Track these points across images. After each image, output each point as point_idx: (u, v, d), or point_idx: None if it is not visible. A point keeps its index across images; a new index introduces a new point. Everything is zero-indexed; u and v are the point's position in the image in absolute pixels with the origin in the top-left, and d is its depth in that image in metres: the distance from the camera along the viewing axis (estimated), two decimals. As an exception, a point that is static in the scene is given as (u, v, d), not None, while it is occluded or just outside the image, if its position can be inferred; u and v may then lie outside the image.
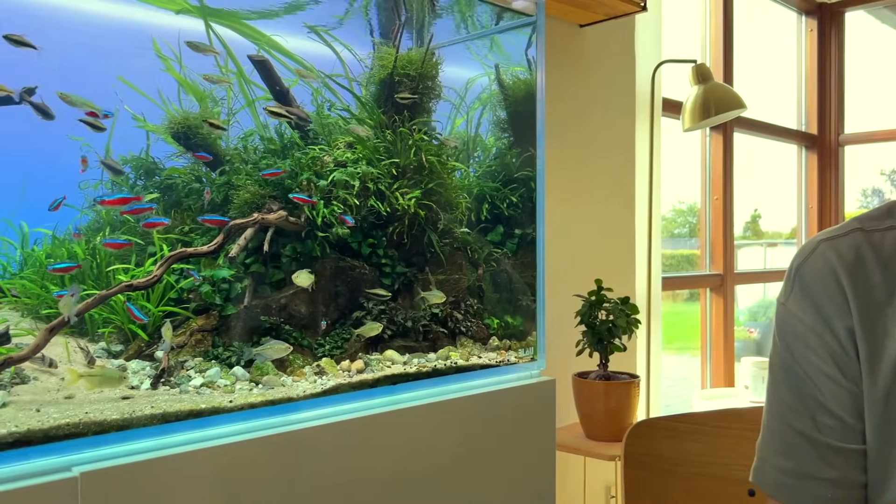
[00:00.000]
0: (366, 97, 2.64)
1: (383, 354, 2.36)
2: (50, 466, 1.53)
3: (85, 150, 2.09)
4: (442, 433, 2.19)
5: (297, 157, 2.44)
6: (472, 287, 2.72)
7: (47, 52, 1.88)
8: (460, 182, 2.83)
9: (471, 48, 2.95)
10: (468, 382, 2.37)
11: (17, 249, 2.17)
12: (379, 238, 2.47)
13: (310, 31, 2.46)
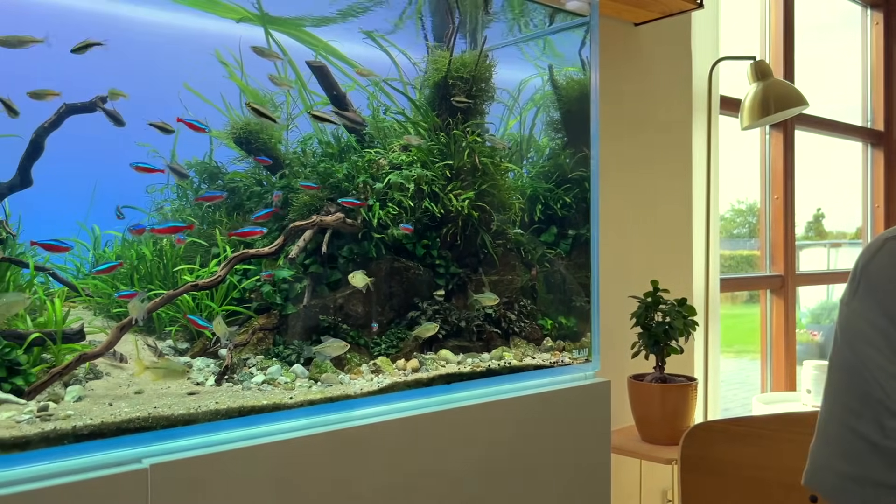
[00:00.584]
0: (420, 100, 2.67)
1: (438, 354, 2.39)
2: (121, 458, 1.60)
3: (152, 155, 2.19)
4: (496, 433, 2.20)
5: (354, 160, 2.49)
6: (526, 288, 2.73)
7: (119, 61, 1.97)
8: (513, 183, 2.84)
9: (524, 50, 2.95)
10: (522, 383, 2.38)
11: (90, 251, 2.27)
12: (433, 239, 2.50)
13: (366, 36, 2.51)
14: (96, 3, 2.09)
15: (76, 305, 2.07)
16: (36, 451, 1.52)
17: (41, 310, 1.95)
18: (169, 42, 2.16)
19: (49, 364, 1.82)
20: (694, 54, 4.05)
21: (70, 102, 1.94)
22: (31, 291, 1.98)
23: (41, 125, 1.94)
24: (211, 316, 2.17)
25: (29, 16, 1.99)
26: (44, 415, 1.61)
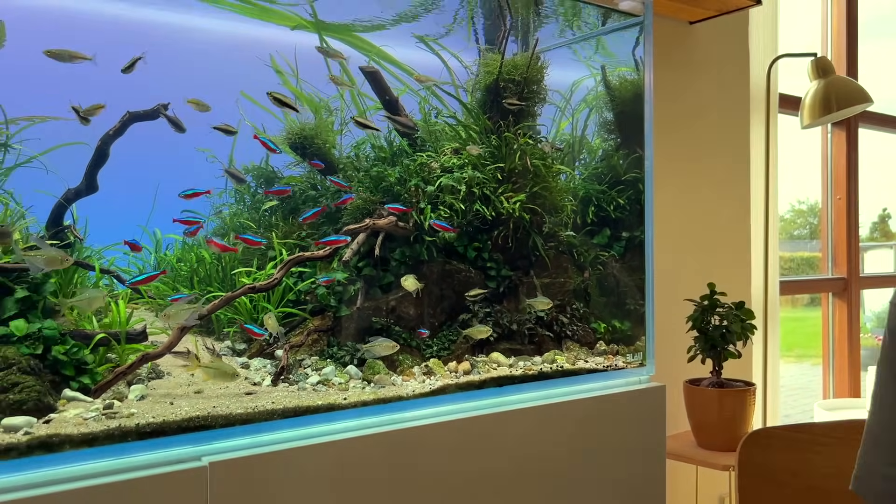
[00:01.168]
0: (471, 103, 2.68)
1: (489, 356, 2.39)
2: (182, 456, 1.65)
3: (211, 160, 2.25)
4: (548, 436, 2.19)
5: (406, 163, 2.51)
6: (578, 290, 2.71)
7: (180, 69, 2.04)
8: (566, 185, 2.82)
9: (576, 51, 2.93)
10: (574, 386, 2.36)
11: (152, 254, 2.35)
12: (484, 242, 2.50)
13: (418, 41, 2.53)
14: (157, 14, 2.16)
15: (139, 307, 2.14)
16: (101, 447, 1.58)
17: (106, 311, 2.02)
18: (227, 50, 2.21)
19: (114, 364, 1.88)
20: (752, 52, 3.95)
21: (133, 110, 2.01)
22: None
23: (106, 133, 2.02)
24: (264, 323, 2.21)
25: (95, 27, 2.07)
26: (109, 412, 1.67)
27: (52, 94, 2.00)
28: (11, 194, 1.99)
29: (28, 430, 1.54)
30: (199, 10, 2.10)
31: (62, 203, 2.03)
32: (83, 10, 2.03)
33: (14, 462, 1.48)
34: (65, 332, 1.79)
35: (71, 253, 2.01)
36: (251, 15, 2.21)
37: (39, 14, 2.08)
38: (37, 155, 2.07)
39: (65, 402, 1.70)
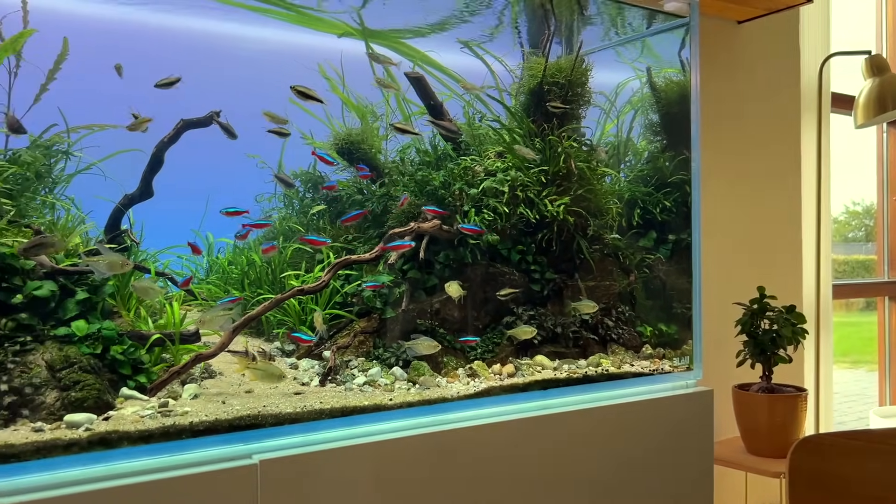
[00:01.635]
0: (515, 107, 2.69)
1: (533, 359, 2.40)
2: (233, 454, 1.69)
3: (261, 166, 2.31)
4: (593, 440, 2.18)
5: (450, 167, 2.53)
6: (624, 294, 2.69)
7: (231, 77, 2.10)
8: (610, 187, 2.81)
9: (620, 53, 2.92)
10: (620, 390, 2.35)
11: (204, 257, 2.42)
12: (528, 245, 2.51)
13: (463, 46, 2.55)
14: (209, 24, 2.23)
15: (192, 308, 2.21)
16: (157, 444, 1.63)
17: (161, 312, 2.09)
18: (277, 58, 2.27)
19: (168, 363, 1.95)
20: (802, 50, 3.87)
21: (187, 118, 2.08)
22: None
23: (161, 140, 2.09)
24: (313, 322, 2.26)
25: (155, 38, 2.14)
26: (164, 410, 1.72)
27: (111, 104, 2.08)
28: (73, 200, 2.08)
29: (89, 426, 1.60)
30: (251, 20, 2.16)
31: (120, 208, 2.11)
32: (144, 23, 2.11)
33: (75, 457, 1.54)
34: (122, 332, 1.86)
35: (128, 256, 2.08)
36: (300, 23, 2.26)
37: (101, 27, 2.16)
38: (96, 162, 2.15)
39: (122, 400, 1.77)
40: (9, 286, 1.78)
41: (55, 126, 2.13)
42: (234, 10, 2.15)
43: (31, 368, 1.68)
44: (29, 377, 1.66)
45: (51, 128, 2.12)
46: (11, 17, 1.94)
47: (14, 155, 2.00)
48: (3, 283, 1.77)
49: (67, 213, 2.06)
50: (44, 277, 1.82)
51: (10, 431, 1.57)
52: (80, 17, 2.13)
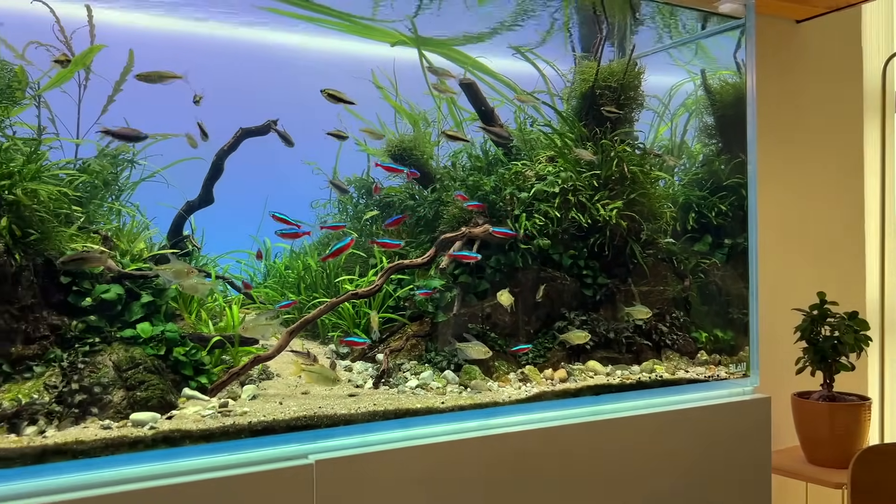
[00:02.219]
0: (567, 111, 2.69)
1: (586, 365, 2.38)
2: (290, 454, 1.73)
3: (317, 173, 2.36)
4: (646, 447, 2.16)
5: (501, 172, 2.54)
6: (678, 299, 2.65)
7: (287, 87, 2.15)
8: (664, 191, 2.78)
9: (674, 55, 2.89)
10: (674, 397, 2.32)
11: (262, 262, 2.49)
12: (580, 249, 2.50)
13: (515, 52, 2.56)
14: (268, 34, 2.29)
15: (250, 312, 2.27)
16: (217, 443, 1.68)
17: (221, 315, 2.15)
18: (331, 66, 2.32)
19: (228, 365, 2.00)
20: (865, 49, 3.75)
21: (245, 126, 2.14)
22: (213, 299, 2.20)
23: (221, 148, 2.16)
24: (368, 326, 2.30)
25: (214, 49, 2.22)
26: (224, 410, 1.78)
27: (173, 114, 2.16)
28: (137, 206, 2.16)
29: (153, 425, 1.66)
30: (306, 29, 2.22)
31: (182, 214, 2.19)
32: (201, 34, 2.19)
33: (141, 454, 1.60)
34: (184, 334, 1.92)
35: (189, 261, 2.16)
36: (354, 33, 2.31)
37: (164, 39, 2.24)
38: (159, 170, 2.23)
39: (184, 399, 1.83)
40: (79, 289, 1.86)
41: (121, 136, 2.22)
42: (294, 22, 2.21)
43: (100, 368, 1.75)
44: (97, 377, 1.73)
45: (117, 137, 2.21)
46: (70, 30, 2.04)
47: (84, 164, 2.09)
48: (74, 286, 1.85)
49: (132, 219, 2.14)
50: (111, 281, 1.90)
51: (80, 428, 1.64)
52: (145, 30, 2.22)
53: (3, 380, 1.70)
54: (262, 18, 2.27)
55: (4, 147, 1.83)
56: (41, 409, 1.65)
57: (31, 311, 1.79)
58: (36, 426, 1.63)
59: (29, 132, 1.99)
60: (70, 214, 1.93)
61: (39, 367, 1.74)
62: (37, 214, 1.80)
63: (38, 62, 2.03)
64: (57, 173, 1.97)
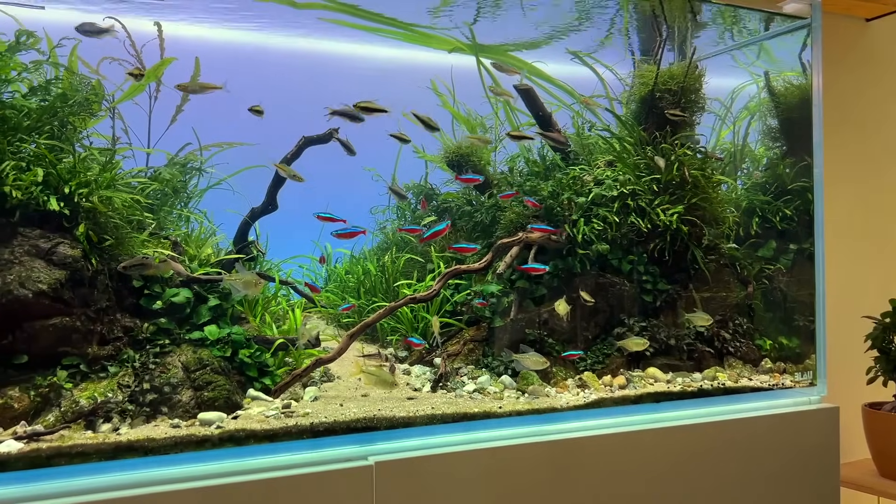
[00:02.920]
0: (626, 115, 2.66)
1: (646, 371, 2.36)
2: (350, 454, 1.76)
3: (376, 179, 2.40)
4: (708, 456, 2.12)
5: (559, 177, 2.53)
6: (741, 305, 2.60)
7: (348, 95, 2.19)
8: (727, 196, 2.73)
9: (736, 57, 2.83)
10: (737, 405, 2.27)
11: (323, 266, 2.54)
12: (639, 254, 2.47)
13: (573, 56, 2.55)
14: (328, 44, 2.34)
15: (312, 315, 2.32)
16: (280, 443, 1.73)
17: (284, 318, 2.21)
18: (390, 75, 2.36)
19: (290, 367, 2.06)
20: (940, 46, 3.60)
21: (308, 135, 2.19)
22: (276, 302, 2.26)
23: (284, 156, 2.22)
24: (427, 329, 2.32)
25: (277, 59, 2.28)
26: (287, 411, 1.82)
27: (238, 122, 2.23)
28: (205, 213, 2.24)
29: (220, 424, 1.72)
30: (365, 38, 2.26)
31: (247, 221, 2.25)
32: (265, 45, 2.25)
33: (207, 453, 1.66)
34: (249, 337, 1.98)
35: (254, 266, 2.22)
36: (413, 41, 2.34)
37: (228, 50, 2.32)
38: (225, 177, 2.31)
39: (249, 400, 1.88)
40: (150, 293, 1.94)
41: (189, 145, 2.31)
42: (354, 32, 2.25)
43: (170, 369, 1.82)
44: (167, 377, 1.80)
45: (186, 146, 2.31)
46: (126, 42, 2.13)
47: (155, 173, 2.18)
48: (146, 290, 1.93)
49: (200, 225, 2.22)
50: (180, 285, 1.98)
51: (151, 426, 1.71)
52: (209, 42, 2.30)
53: (81, 379, 1.78)
54: (323, 29, 2.32)
55: (82, 157, 1.92)
56: (115, 408, 1.73)
57: (106, 314, 1.87)
58: (110, 423, 1.70)
59: (104, 143, 2.09)
60: (142, 221, 2.01)
61: (114, 367, 1.82)
62: (111, 221, 1.88)
63: (111, 76, 2.13)
64: (130, 182, 2.06)
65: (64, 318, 1.78)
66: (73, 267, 1.81)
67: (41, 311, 1.76)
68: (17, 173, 1.79)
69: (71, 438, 1.61)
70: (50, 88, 1.98)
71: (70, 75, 2.04)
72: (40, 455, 1.55)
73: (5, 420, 1.66)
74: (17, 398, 1.70)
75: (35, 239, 1.82)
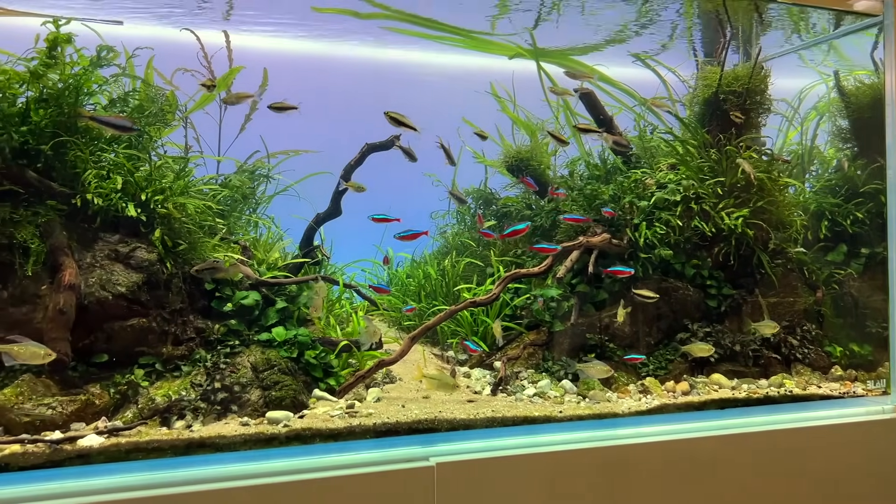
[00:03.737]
0: (689, 117, 2.63)
1: (710, 378, 2.32)
2: (411, 455, 1.79)
3: (436, 184, 2.43)
4: (775, 465, 2.07)
5: (620, 181, 2.52)
6: (810, 311, 2.53)
7: (410, 100, 2.24)
8: (794, 199, 2.66)
9: (804, 57, 2.76)
10: (805, 413, 2.21)
11: (385, 270, 2.59)
12: (703, 259, 2.43)
13: (635, 59, 2.53)
14: (389, 52, 2.39)
15: (374, 318, 2.37)
16: (344, 442, 1.77)
17: (348, 321, 2.26)
18: (452, 81, 2.39)
19: (354, 368, 2.10)
20: None
21: (371, 142, 2.24)
22: (340, 305, 2.31)
23: (348, 163, 2.28)
24: (487, 332, 2.34)
25: (344, 68, 2.34)
26: (351, 412, 1.87)
27: (305, 128, 2.29)
28: (273, 219, 2.31)
29: (287, 423, 1.77)
30: (426, 46, 2.30)
31: (312, 226, 2.32)
32: (331, 54, 2.32)
33: (275, 450, 1.71)
34: (315, 338, 2.03)
35: (319, 270, 2.28)
36: (474, 48, 2.37)
37: (294, 59, 2.39)
38: (292, 184, 2.38)
39: (315, 400, 1.94)
40: (221, 295, 2.01)
41: (257, 152, 2.39)
42: (414, 40, 2.29)
43: (239, 369, 1.89)
44: (237, 377, 1.87)
45: (254, 154, 2.39)
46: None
47: (225, 180, 2.26)
48: (217, 292, 2.01)
49: (268, 230, 2.29)
50: (249, 288, 2.05)
51: (222, 424, 1.78)
52: (276, 52, 2.37)
53: (156, 377, 1.86)
54: (383, 37, 2.37)
55: (158, 165, 2.01)
56: (188, 406, 1.80)
57: (179, 315, 1.96)
58: (184, 420, 1.78)
59: (177, 151, 2.18)
60: (213, 226, 2.09)
61: (186, 367, 1.90)
62: (185, 226, 1.97)
63: (184, 87, 2.22)
64: (202, 188, 2.15)
65: (141, 320, 1.87)
66: (150, 270, 1.90)
67: (120, 312, 1.86)
68: (99, 181, 1.89)
69: (147, 434, 1.69)
70: (128, 100, 2.09)
71: (146, 87, 2.14)
72: (119, 449, 1.63)
73: (87, 416, 1.75)
74: (98, 395, 1.79)
75: (114, 244, 1.92)
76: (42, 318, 1.79)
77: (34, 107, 1.89)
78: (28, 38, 1.91)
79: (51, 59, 1.92)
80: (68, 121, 1.91)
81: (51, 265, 1.83)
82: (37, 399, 1.72)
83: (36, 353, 1.64)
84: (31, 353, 1.64)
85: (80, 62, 1.95)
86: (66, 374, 1.78)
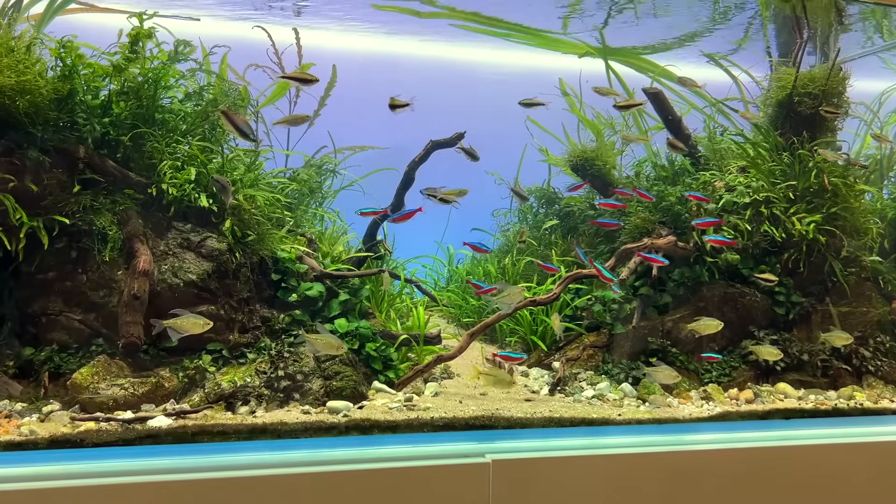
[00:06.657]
0: (761, 119, 2.55)
1: (775, 387, 2.25)
2: (467, 451, 1.79)
3: (499, 183, 2.43)
4: (843, 480, 1.99)
5: (688, 182, 2.47)
6: (884, 322, 2.43)
7: (476, 100, 2.25)
8: (871, 205, 2.56)
9: (885, 58, 2.65)
10: (877, 427, 2.12)
11: (446, 267, 2.60)
12: (772, 265, 2.36)
13: (708, 59, 2.48)
14: (457, 50, 2.40)
15: (434, 314, 2.39)
16: (402, 434, 1.79)
17: (408, 315, 2.28)
18: (519, 79, 2.39)
19: (413, 362, 2.12)
20: None
21: (436, 139, 2.26)
22: (401, 300, 2.33)
23: (413, 160, 2.30)
24: (546, 332, 2.33)
25: (409, 67, 2.36)
26: (409, 405, 1.89)
27: (370, 126, 2.33)
28: (338, 213, 2.36)
29: (346, 413, 1.80)
30: (496, 44, 2.31)
31: (376, 221, 2.35)
32: (398, 54, 2.34)
33: (334, 439, 1.75)
34: (376, 331, 2.06)
35: (382, 264, 2.31)
36: (544, 46, 2.36)
37: (362, 58, 2.43)
38: (357, 179, 2.42)
39: (374, 392, 1.96)
40: (287, 286, 2.06)
41: (325, 147, 2.44)
42: (483, 38, 2.30)
43: (302, 358, 1.93)
44: (300, 366, 1.91)
45: (321, 149, 2.43)
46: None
47: (294, 173, 2.31)
48: (283, 283, 2.06)
49: (333, 224, 2.34)
50: (314, 280, 2.09)
51: (284, 411, 1.82)
52: (344, 49, 2.41)
53: (223, 363, 1.92)
54: (453, 35, 2.38)
55: (230, 158, 2.07)
56: (253, 392, 1.85)
57: (246, 304, 2.01)
58: (248, 406, 1.83)
59: (248, 145, 2.24)
60: (281, 218, 2.14)
61: (252, 354, 1.95)
62: (254, 217, 2.02)
63: (255, 82, 2.28)
64: (270, 181, 2.20)
65: (210, 307, 1.94)
66: (220, 259, 1.96)
67: (190, 299, 1.92)
68: (174, 172, 1.96)
69: (213, 418, 1.74)
70: (203, 94, 2.15)
71: (220, 82, 2.20)
72: (186, 431, 1.68)
73: (157, 398, 1.82)
74: (167, 378, 1.86)
75: (187, 233, 1.99)
76: (117, 303, 1.87)
77: (115, 99, 1.97)
78: (104, 33, 1.99)
79: (132, 54, 1.99)
80: (146, 113, 1.99)
81: (126, 252, 1.91)
82: (111, 379, 1.80)
83: (196, 323, 1.77)
84: (192, 323, 1.77)
85: (159, 56, 2.02)
86: (139, 357, 1.86)
